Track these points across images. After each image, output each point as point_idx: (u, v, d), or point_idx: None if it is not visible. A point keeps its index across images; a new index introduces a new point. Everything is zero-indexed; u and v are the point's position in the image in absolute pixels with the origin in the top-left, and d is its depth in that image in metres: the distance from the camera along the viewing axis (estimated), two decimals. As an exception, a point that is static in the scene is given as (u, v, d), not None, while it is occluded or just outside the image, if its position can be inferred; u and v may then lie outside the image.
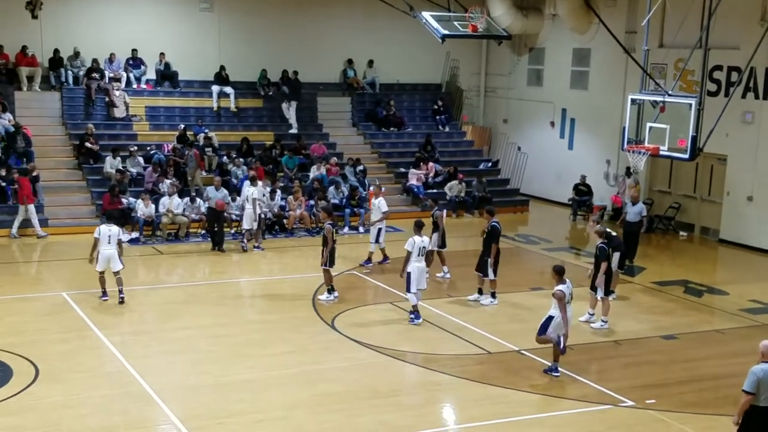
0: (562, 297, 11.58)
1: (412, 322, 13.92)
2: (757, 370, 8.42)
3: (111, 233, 14.68)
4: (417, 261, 13.80)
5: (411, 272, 13.74)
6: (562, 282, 11.74)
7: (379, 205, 17.80)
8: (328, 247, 14.80)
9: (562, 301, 11.58)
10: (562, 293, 11.58)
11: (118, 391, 10.99)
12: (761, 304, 15.95)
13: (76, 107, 23.53)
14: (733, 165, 20.89)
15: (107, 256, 14.59)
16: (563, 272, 11.84)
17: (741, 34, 19.97)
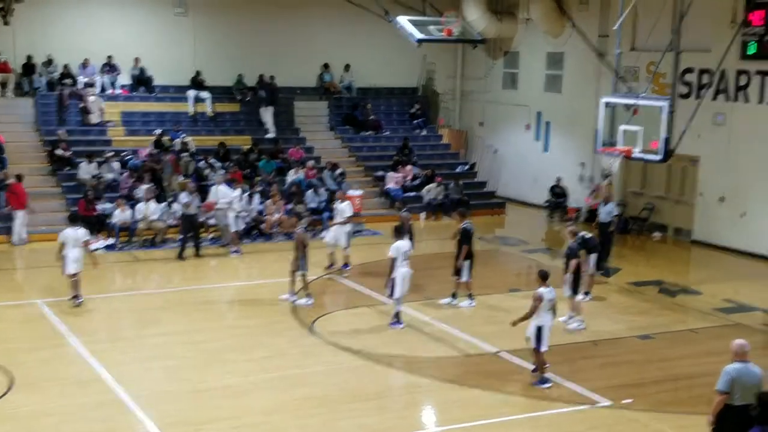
0: (539, 299, 11.55)
1: (393, 326, 13.91)
2: (731, 370, 8.52)
3: (78, 235, 14.63)
4: (402, 266, 13.77)
5: (395, 278, 13.71)
6: (544, 286, 11.69)
7: (343, 209, 17.68)
8: (300, 251, 14.89)
9: (537, 302, 11.52)
10: (540, 295, 11.57)
11: (95, 399, 10.92)
12: (734, 304, 16.17)
13: (50, 113, 23.33)
14: (705, 166, 21.16)
15: (75, 258, 14.53)
16: (547, 277, 11.79)
17: (711, 36, 20.25)
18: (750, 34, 19.54)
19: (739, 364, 8.56)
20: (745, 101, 20.06)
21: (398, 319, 13.98)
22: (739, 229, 20.42)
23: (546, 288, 11.63)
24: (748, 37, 19.58)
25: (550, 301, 11.60)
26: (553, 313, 11.74)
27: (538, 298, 11.55)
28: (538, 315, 11.53)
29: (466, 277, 15.21)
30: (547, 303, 11.55)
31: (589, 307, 15.59)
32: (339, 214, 17.79)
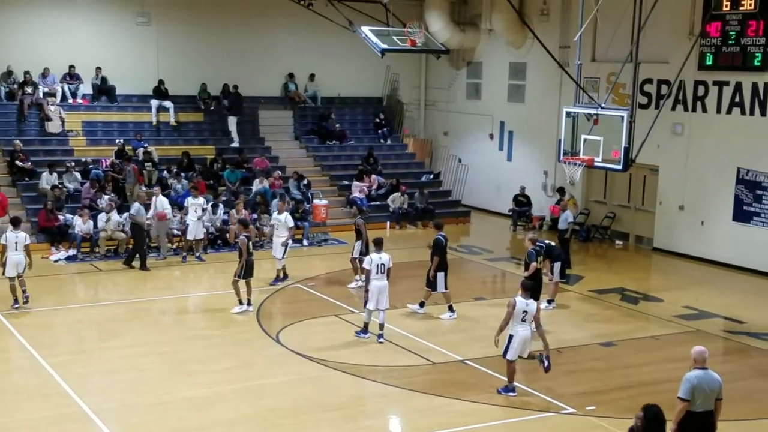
0: (513, 305, 11.39)
1: (359, 335, 13.90)
2: (691, 377, 8.62)
3: (18, 239, 14.73)
4: (377, 279, 13.66)
5: (370, 290, 13.66)
6: (525, 297, 11.54)
7: (286, 220, 17.44)
8: (242, 259, 14.96)
9: (509, 309, 11.40)
10: (514, 302, 11.41)
11: (56, 413, 10.76)
12: (694, 310, 16.45)
13: (10, 123, 22.99)
14: (665, 175, 21.53)
15: (15, 262, 14.56)
16: (529, 289, 11.79)
17: (670, 48, 20.64)
18: (707, 45, 19.96)
19: (699, 371, 8.68)
20: (703, 111, 20.46)
21: (364, 329, 13.94)
22: (699, 236, 20.79)
23: (524, 299, 11.49)
24: (706, 48, 20.00)
25: (525, 312, 11.41)
26: (529, 324, 11.50)
27: (511, 305, 11.44)
28: (512, 325, 11.43)
29: (441, 288, 15.23)
30: (520, 313, 11.39)
31: (552, 315, 15.76)
32: (282, 225, 17.46)
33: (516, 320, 11.42)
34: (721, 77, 19.94)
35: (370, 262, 13.73)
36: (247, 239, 15.22)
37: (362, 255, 16.78)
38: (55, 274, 18.04)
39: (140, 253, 18.37)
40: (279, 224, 17.57)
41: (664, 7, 17.78)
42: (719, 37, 19.70)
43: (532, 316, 11.49)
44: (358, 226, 17.24)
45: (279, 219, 17.60)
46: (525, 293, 11.61)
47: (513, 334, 11.47)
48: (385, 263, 13.83)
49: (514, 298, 11.52)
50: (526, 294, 11.62)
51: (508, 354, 11.54)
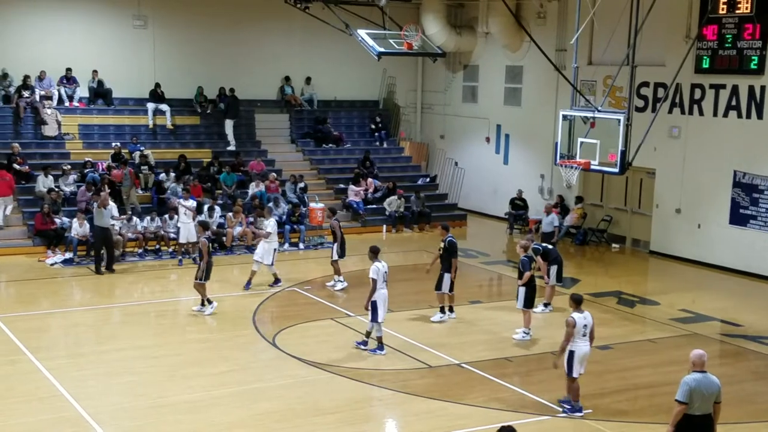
0: (573, 324, 10.85)
1: (374, 352, 13.34)
2: (689, 380, 8.62)
3: None
4: (382, 288, 13.28)
5: (377, 300, 13.21)
6: (578, 311, 11.02)
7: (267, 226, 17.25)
8: (204, 260, 14.99)
9: (570, 328, 10.85)
10: (573, 320, 10.87)
11: (52, 416, 10.73)
12: (691, 314, 16.45)
13: (6, 126, 22.95)
14: (661, 178, 21.55)
15: None
16: (581, 301, 11.15)
17: (666, 51, 20.68)
18: (704, 48, 20.01)
19: (697, 374, 8.67)
20: (700, 114, 20.50)
21: (380, 345, 13.41)
22: (695, 240, 20.81)
23: (580, 313, 10.98)
24: (702, 52, 20.04)
25: (585, 326, 10.92)
26: (589, 339, 11.04)
27: (570, 324, 10.86)
28: (572, 341, 10.94)
29: (447, 289, 15.21)
30: (581, 328, 10.88)
31: (549, 318, 15.77)
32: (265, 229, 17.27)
33: (576, 335, 10.92)
34: (718, 80, 19.97)
35: (377, 272, 13.18)
36: (207, 241, 15.27)
37: (339, 257, 16.99)
38: (51, 278, 18.00)
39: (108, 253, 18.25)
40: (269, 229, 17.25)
41: (661, 10, 17.80)
42: (716, 40, 19.75)
43: (591, 327, 11.04)
44: (333, 227, 17.33)
45: (267, 224, 17.33)
46: (578, 307, 11.03)
47: (574, 350, 10.96)
48: (386, 271, 13.44)
49: (571, 316, 10.94)
50: (579, 307, 11.04)
51: (573, 372, 11.02)
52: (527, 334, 14.31)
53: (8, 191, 20.48)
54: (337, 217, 17.84)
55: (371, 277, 13.23)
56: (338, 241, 17.19)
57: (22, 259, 19.24)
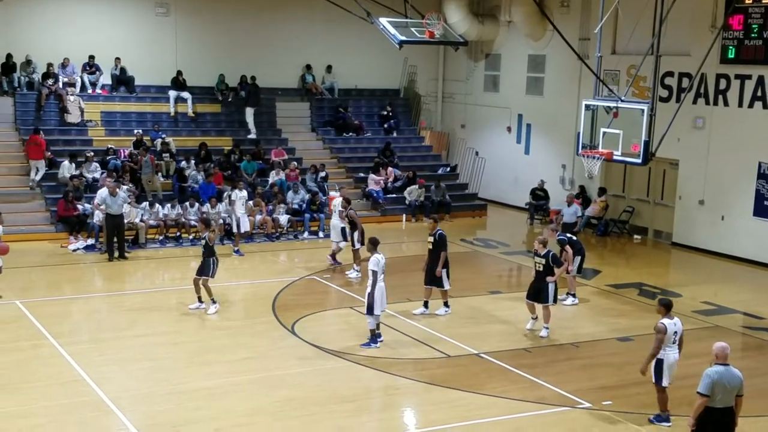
0: (663, 330, 10.21)
1: (368, 346, 13.08)
2: (712, 372, 8.56)
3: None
4: (382, 281, 13.07)
5: (375, 294, 12.94)
6: (668, 317, 10.38)
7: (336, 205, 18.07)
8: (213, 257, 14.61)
9: (660, 335, 10.22)
10: (664, 326, 10.22)
11: (74, 401, 10.83)
12: (713, 306, 16.31)
13: (29, 112, 23.15)
14: (685, 169, 21.34)
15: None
16: (671, 306, 10.49)
17: (692, 40, 20.44)
18: (730, 38, 19.75)
19: (720, 366, 8.60)
20: (725, 105, 20.25)
21: (373, 337, 13.18)
22: (719, 231, 20.60)
23: (670, 319, 10.33)
24: (728, 41, 19.78)
25: (675, 333, 10.31)
26: (678, 347, 10.43)
27: (661, 330, 10.23)
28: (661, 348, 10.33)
29: (448, 285, 14.77)
30: (671, 335, 10.27)
31: (570, 309, 15.69)
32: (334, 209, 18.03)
33: (666, 342, 10.29)
34: (744, 71, 19.71)
35: (378, 264, 12.90)
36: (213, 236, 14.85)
37: (361, 244, 17.02)
38: (73, 263, 18.17)
39: (120, 241, 18.31)
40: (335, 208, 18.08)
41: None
42: (742, 30, 19.47)
43: (681, 334, 10.44)
44: (352, 216, 17.37)
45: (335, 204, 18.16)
46: (668, 312, 10.38)
47: (662, 358, 10.33)
48: (385, 263, 13.13)
49: (661, 323, 10.25)
50: (669, 313, 10.39)
51: (663, 380, 10.44)
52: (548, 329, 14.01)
53: (40, 155, 21.09)
54: (352, 206, 17.94)
55: (372, 269, 12.93)
56: (358, 229, 17.22)
57: (45, 244, 19.42)
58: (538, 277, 13.87)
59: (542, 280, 13.80)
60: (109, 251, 18.26)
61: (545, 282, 13.76)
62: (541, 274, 13.81)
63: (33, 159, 21.18)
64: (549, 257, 13.76)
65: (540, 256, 13.83)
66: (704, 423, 8.58)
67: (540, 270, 13.82)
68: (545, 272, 13.77)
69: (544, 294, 13.79)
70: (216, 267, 14.74)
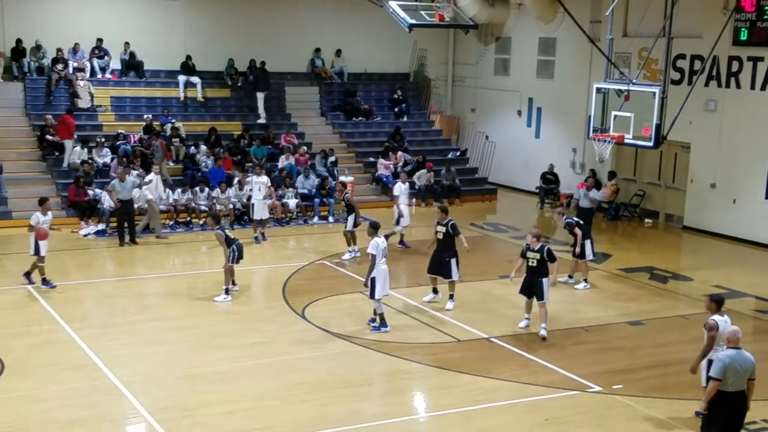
0: (716, 327, 9.68)
1: (378, 330, 13.09)
2: (723, 356, 8.54)
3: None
4: (382, 264, 13.04)
5: (376, 277, 12.96)
6: (719, 313, 9.89)
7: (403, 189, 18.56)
8: (229, 248, 14.43)
9: (713, 332, 9.68)
10: (716, 323, 9.70)
11: (86, 384, 10.90)
12: (725, 290, 16.20)
13: (39, 98, 23.19)
14: (697, 153, 21.20)
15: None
16: (723, 302, 10.06)
17: (704, 22, 20.24)
18: (742, 20, 19.54)
19: (732, 350, 8.58)
20: (737, 87, 20.08)
21: (382, 322, 13.16)
22: (730, 215, 20.49)
23: (721, 316, 9.82)
24: (740, 23, 19.58)
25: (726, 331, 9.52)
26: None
27: (714, 327, 9.67)
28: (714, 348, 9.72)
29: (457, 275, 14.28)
30: (722, 333, 9.51)
31: (580, 294, 15.68)
32: (402, 194, 18.46)
33: (718, 341, 9.63)
34: (756, 53, 19.53)
35: (377, 247, 12.85)
36: (222, 232, 14.50)
37: (355, 227, 17.23)
38: (84, 248, 18.24)
39: (130, 226, 18.36)
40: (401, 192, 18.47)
41: (699, -20, 17.43)
42: (754, 12, 19.27)
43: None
44: (349, 200, 17.53)
45: (401, 188, 18.51)
46: (719, 309, 9.92)
47: (713, 359, 9.23)
48: (386, 247, 13.14)
49: (713, 320, 9.75)
50: (720, 310, 9.93)
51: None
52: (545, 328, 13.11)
53: (69, 135, 21.32)
54: (347, 190, 18.25)
55: (371, 252, 12.90)
56: (355, 212, 17.30)
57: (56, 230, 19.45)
58: (531, 272, 13.09)
59: (536, 276, 13.00)
60: (120, 236, 18.30)
61: (538, 278, 12.96)
62: (535, 270, 13.01)
63: (64, 139, 21.33)
64: (544, 252, 12.97)
65: (534, 251, 13.04)
66: (716, 407, 8.58)
67: (533, 265, 13.03)
68: (539, 267, 12.98)
69: (537, 291, 13.04)
70: (236, 255, 14.55)
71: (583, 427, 10.18)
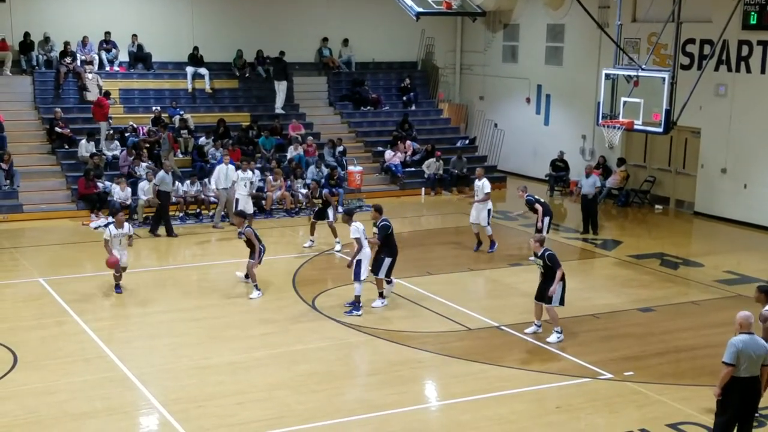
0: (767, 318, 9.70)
1: (350, 314, 13.26)
2: (737, 342, 8.50)
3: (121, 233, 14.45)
4: (366, 246, 13.36)
5: (362, 260, 13.21)
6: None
7: (483, 186, 17.16)
8: (257, 246, 14.35)
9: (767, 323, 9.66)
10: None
11: (98, 377, 10.96)
12: (736, 275, 16.17)
13: (48, 91, 23.23)
14: (707, 138, 21.07)
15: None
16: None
17: (713, 6, 20.07)
18: (752, 3, 19.37)
19: (744, 335, 8.54)
20: (747, 72, 19.93)
21: (357, 305, 13.34)
22: (741, 200, 20.38)
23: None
24: (750, 7, 19.42)
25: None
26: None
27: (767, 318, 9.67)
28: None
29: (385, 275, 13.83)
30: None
31: (589, 280, 15.67)
32: (479, 191, 17.27)
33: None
34: (766, 36, 19.37)
35: (359, 231, 13.20)
36: (252, 230, 14.45)
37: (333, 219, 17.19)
38: (95, 241, 18.26)
39: (165, 219, 18.48)
40: (478, 190, 17.29)
41: (708, -36, 17.27)
42: (765, -5, 19.11)
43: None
44: (326, 197, 17.50)
45: (478, 185, 17.30)
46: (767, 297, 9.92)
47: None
48: (364, 229, 13.41)
49: (766, 310, 9.75)
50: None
51: None
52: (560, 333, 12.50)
53: (103, 117, 21.77)
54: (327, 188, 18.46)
55: (356, 237, 13.24)
56: (332, 206, 17.48)
57: (67, 222, 19.59)
58: (542, 277, 12.48)
59: (547, 280, 12.34)
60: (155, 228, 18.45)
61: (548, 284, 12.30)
62: (545, 275, 12.40)
63: (99, 121, 21.78)
64: (545, 258, 12.31)
65: (537, 256, 12.50)
66: (730, 392, 8.55)
67: (542, 272, 12.45)
68: (547, 272, 12.34)
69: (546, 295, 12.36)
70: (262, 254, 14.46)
71: (594, 414, 10.17)
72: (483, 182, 17.25)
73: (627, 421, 9.96)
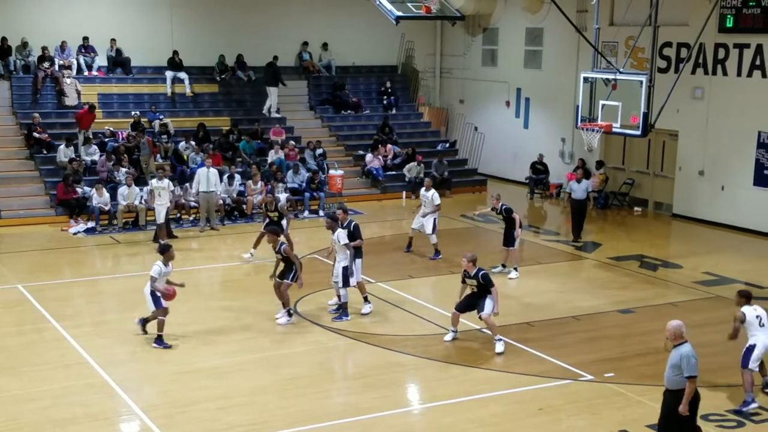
0: (740, 319, 10.38)
1: (339, 320, 13.26)
2: (693, 352, 8.62)
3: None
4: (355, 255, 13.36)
5: (349, 267, 13.14)
6: (749, 303, 10.53)
7: (433, 198, 17.04)
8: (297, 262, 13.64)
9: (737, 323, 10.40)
10: (741, 315, 10.37)
11: (79, 383, 10.89)
12: (714, 276, 16.33)
13: (26, 96, 23.06)
14: (685, 140, 21.28)
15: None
16: (751, 297, 10.64)
17: (689, 10, 20.29)
18: (728, 7, 19.60)
19: (689, 345, 8.66)
20: (723, 75, 20.15)
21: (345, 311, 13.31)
22: (719, 202, 20.59)
23: (750, 306, 10.46)
24: (726, 11, 19.64)
25: (758, 317, 10.36)
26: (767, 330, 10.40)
27: (738, 319, 10.38)
28: (751, 334, 10.42)
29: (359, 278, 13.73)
30: (754, 320, 10.35)
31: (570, 283, 15.72)
32: (427, 202, 17.09)
33: (753, 328, 10.38)
34: (742, 39, 19.59)
35: (346, 236, 13.25)
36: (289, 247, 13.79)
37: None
38: (74, 247, 18.18)
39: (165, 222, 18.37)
40: (426, 201, 17.13)
41: (684, -32, 17.45)
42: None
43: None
44: (281, 209, 16.98)
45: (427, 196, 17.13)
46: (747, 302, 10.49)
47: (755, 343, 10.37)
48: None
49: (741, 312, 10.38)
50: (747, 300, 10.52)
51: (750, 364, 10.41)
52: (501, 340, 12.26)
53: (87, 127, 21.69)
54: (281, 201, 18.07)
55: (344, 243, 13.19)
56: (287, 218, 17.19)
57: (45, 228, 19.44)
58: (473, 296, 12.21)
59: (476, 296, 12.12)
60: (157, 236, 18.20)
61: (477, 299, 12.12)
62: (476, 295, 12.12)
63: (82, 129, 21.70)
64: (479, 277, 11.99)
65: (470, 277, 12.08)
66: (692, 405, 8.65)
67: (475, 291, 12.13)
68: (480, 293, 12.05)
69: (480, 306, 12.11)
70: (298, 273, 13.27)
71: (576, 415, 10.24)
72: (432, 193, 17.12)
73: (608, 422, 10.04)
